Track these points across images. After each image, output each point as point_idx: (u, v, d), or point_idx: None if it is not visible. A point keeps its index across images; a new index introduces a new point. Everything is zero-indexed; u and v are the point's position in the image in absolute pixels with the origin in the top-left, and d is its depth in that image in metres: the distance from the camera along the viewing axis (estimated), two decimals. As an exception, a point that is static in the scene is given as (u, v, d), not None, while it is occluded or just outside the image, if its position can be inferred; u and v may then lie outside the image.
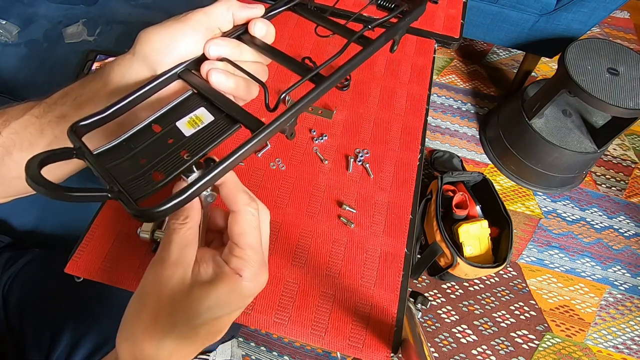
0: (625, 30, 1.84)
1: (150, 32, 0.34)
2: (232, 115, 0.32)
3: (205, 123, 0.32)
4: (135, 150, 0.31)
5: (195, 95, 0.34)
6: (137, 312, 0.28)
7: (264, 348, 1.08)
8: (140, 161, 0.30)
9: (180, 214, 0.30)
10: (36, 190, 0.25)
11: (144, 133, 0.32)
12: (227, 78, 0.33)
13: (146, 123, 0.32)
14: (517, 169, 1.37)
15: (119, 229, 0.49)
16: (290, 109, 0.31)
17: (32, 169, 0.25)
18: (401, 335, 0.44)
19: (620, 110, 1.07)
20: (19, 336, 0.57)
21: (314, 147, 0.57)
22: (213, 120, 0.32)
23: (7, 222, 0.72)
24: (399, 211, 0.53)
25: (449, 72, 1.67)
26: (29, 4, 0.92)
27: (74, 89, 0.36)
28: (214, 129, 0.32)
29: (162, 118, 0.32)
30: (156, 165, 0.30)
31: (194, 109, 0.33)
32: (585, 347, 1.13)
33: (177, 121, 0.32)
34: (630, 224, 1.34)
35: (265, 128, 0.30)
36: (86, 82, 0.36)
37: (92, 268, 0.46)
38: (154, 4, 0.95)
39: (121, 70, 0.34)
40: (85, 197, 0.26)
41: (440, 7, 0.74)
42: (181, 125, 0.32)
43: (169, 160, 0.30)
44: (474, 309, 1.17)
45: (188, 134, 0.32)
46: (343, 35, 0.39)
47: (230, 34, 0.35)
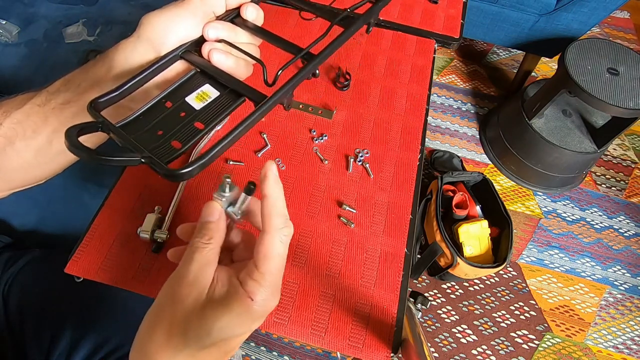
0: (625, 30, 1.84)
1: (153, 16, 0.36)
2: (237, 90, 0.36)
3: (212, 98, 0.36)
4: (152, 123, 0.34)
5: (198, 74, 0.38)
6: (151, 328, 0.29)
7: (264, 348, 1.08)
8: (158, 132, 0.34)
9: (205, 233, 0.30)
10: (77, 154, 0.29)
11: (158, 108, 0.35)
12: (226, 57, 0.36)
13: (158, 99, 0.35)
14: (517, 169, 1.37)
15: (119, 229, 0.49)
16: (289, 82, 0.35)
17: (72, 137, 0.29)
18: (401, 335, 0.44)
19: (620, 110, 1.07)
20: (19, 336, 0.57)
21: (314, 147, 0.57)
22: (219, 95, 0.36)
23: (7, 222, 0.72)
24: (399, 211, 0.53)
25: (449, 72, 1.67)
26: (29, 4, 0.92)
27: (76, 76, 0.37)
28: (221, 103, 0.36)
29: (171, 94, 0.36)
30: (174, 136, 0.33)
31: (200, 86, 0.37)
32: (585, 347, 1.13)
33: (186, 97, 0.36)
34: (630, 224, 1.34)
35: (269, 99, 0.34)
36: (88, 68, 0.37)
37: (92, 268, 0.46)
38: (154, 4, 0.95)
39: (125, 53, 0.36)
40: (119, 161, 0.29)
41: (440, 7, 0.74)
42: (190, 100, 0.36)
43: (184, 131, 0.34)
44: (474, 309, 1.17)
45: (198, 107, 0.36)
46: (326, 18, 0.43)
47: (224, 17, 0.39)
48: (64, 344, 0.54)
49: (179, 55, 0.37)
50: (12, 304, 0.59)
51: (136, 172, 0.53)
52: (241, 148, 0.56)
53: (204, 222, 0.31)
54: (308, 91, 0.62)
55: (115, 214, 0.50)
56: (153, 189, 0.51)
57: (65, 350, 0.54)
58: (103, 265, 0.46)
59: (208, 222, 0.31)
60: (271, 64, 0.63)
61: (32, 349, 0.56)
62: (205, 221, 0.31)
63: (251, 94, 0.36)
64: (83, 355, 0.54)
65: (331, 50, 0.39)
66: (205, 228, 0.31)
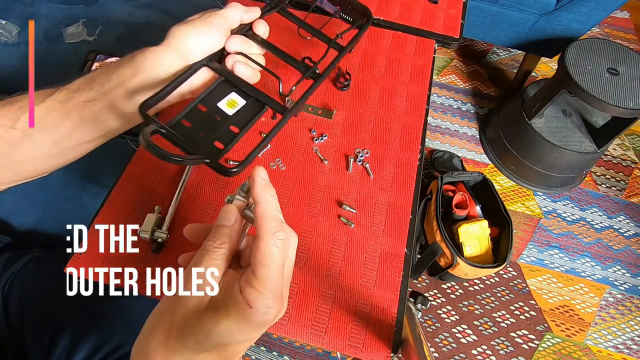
0: (625, 30, 1.84)
1: (183, 29, 0.41)
2: (260, 99, 0.43)
3: (240, 105, 0.42)
4: (194, 125, 0.39)
5: (223, 82, 0.43)
6: (153, 328, 0.29)
7: (264, 348, 1.08)
8: (200, 134, 0.39)
9: (219, 237, 0.30)
10: (153, 153, 0.33)
11: (195, 112, 0.41)
12: (246, 68, 0.43)
13: (195, 103, 0.41)
14: (517, 169, 1.37)
15: (119, 229, 0.49)
16: (304, 96, 0.44)
17: (147, 136, 0.34)
18: (401, 335, 0.44)
19: (620, 110, 1.07)
20: (19, 336, 0.57)
21: (314, 147, 0.57)
22: (245, 103, 0.42)
23: (7, 222, 0.72)
24: (399, 211, 0.53)
25: (449, 72, 1.67)
26: (29, 4, 0.92)
27: (99, 76, 0.39)
28: (248, 110, 0.42)
29: (205, 99, 0.41)
30: (215, 137, 0.39)
31: (228, 93, 0.43)
32: (585, 347, 1.13)
33: (217, 102, 0.42)
34: (630, 224, 1.34)
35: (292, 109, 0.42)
36: (112, 70, 0.39)
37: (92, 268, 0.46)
38: (154, 4, 0.95)
39: (155, 61, 0.40)
40: (188, 161, 0.35)
41: (440, 7, 0.74)
42: (222, 106, 0.42)
43: (223, 133, 0.40)
44: (474, 309, 1.17)
45: (230, 113, 0.41)
46: (321, 40, 0.52)
47: (238, 31, 0.45)
48: (64, 344, 0.54)
49: (204, 63, 0.43)
50: (12, 304, 0.59)
51: (136, 172, 0.53)
52: (241, 148, 0.56)
53: (219, 225, 0.31)
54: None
55: (115, 214, 0.50)
56: (153, 189, 0.51)
57: (65, 351, 0.54)
58: (102, 266, 0.46)
59: (223, 226, 0.31)
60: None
61: (32, 349, 0.56)
62: (220, 224, 0.31)
63: (272, 104, 0.43)
64: (83, 355, 0.54)
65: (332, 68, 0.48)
66: (219, 232, 0.31)
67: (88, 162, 0.69)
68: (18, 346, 0.57)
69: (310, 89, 0.45)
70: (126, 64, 0.40)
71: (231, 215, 0.31)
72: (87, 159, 0.45)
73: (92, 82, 0.39)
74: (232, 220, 0.31)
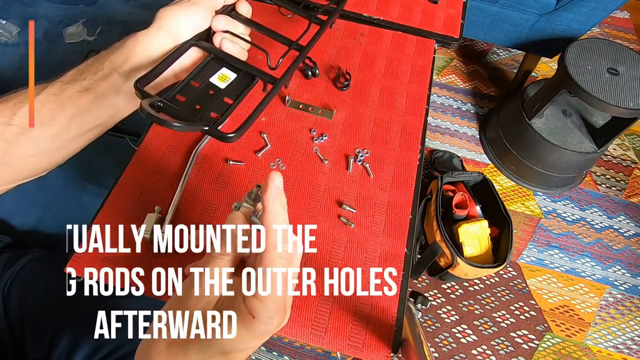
0: (625, 30, 1.84)
1: (171, 9, 0.43)
2: (250, 72, 0.45)
3: (231, 79, 0.45)
4: (189, 99, 0.42)
5: (213, 60, 0.46)
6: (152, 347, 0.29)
7: (264, 348, 1.08)
8: (196, 107, 0.42)
9: (223, 245, 0.30)
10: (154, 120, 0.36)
11: (189, 88, 0.43)
12: (233, 45, 0.45)
13: (188, 80, 0.43)
14: (517, 169, 1.37)
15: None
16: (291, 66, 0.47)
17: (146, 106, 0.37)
18: (401, 335, 0.44)
19: (620, 110, 1.07)
20: (19, 336, 0.57)
21: (314, 147, 0.57)
22: (236, 76, 0.45)
23: (7, 222, 0.72)
24: (399, 211, 0.53)
25: (449, 72, 1.67)
26: (29, 4, 0.92)
27: (91, 65, 0.40)
28: (239, 83, 0.44)
29: (197, 76, 0.44)
30: (210, 108, 0.42)
31: (218, 69, 0.45)
32: (585, 347, 1.13)
33: (209, 78, 0.45)
34: (630, 224, 1.34)
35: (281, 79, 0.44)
36: (104, 58, 0.41)
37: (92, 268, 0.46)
38: (154, 4, 0.95)
39: (146, 43, 0.41)
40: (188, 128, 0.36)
41: (440, 7, 0.74)
42: (214, 81, 0.44)
43: (218, 105, 0.42)
44: (474, 309, 1.17)
45: (223, 86, 0.44)
46: (302, 16, 0.55)
47: (222, 12, 0.47)
48: (64, 344, 0.54)
49: (193, 43, 0.45)
50: (12, 304, 0.59)
51: (136, 172, 0.53)
52: (241, 148, 0.56)
53: (224, 231, 0.31)
54: (308, 91, 0.62)
55: (115, 214, 0.50)
56: (153, 189, 0.51)
57: (65, 351, 0.54)
58: (102, 266, 0.46)
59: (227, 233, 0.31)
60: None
61: (32, 349, 0.56)
62: (225, 231, 0.31)
63: (262, 75, 0.45)
64: (83, 355, 0.54)
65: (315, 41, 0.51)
66: (224, 239, 0.31)
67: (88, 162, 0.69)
68: (18, 346, 0.57)
69: (297, 58, 0.49)
70: (117, 50, 0.41)
71: (237, 222, 0.31)
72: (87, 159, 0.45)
73: (84, 71, 0.40)
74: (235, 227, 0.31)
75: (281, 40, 0.51)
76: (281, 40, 0.51)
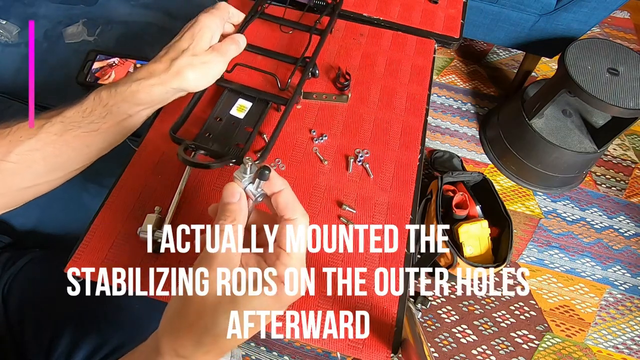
0: (625, 30, 1.84)
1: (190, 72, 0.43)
2: (263, 98, 0.52)
3: (248, 108, 0.51)
4: (216, 135, 0.49)
5: (229, 92, 0.53)
6: (182, 308, 0.29)
7: (264, 348, 1.08)
8: (223, 141, 0.49)
9: (228, 214, 0.31)
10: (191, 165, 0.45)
11: (213, 124, 0.51)
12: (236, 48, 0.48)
13: (212, 117, 0.52)
14: (517, 169, 1.37)
15: (119, 230, 0.49)
16: (299, 83, 0.53)
17: (182, 153, 0.44)
18: (401, 335, 0.44)
19: (620, 110, 1.07)
20: (19, 336, 0.57)
21: (314, 148, 0.57)
22: (252, 105, 0.51)
23: (7, 222, 0.72)
24: (399, 211, 0.53)
25: (449, 72, 1.67)
26: (29, 4, 0.92)
27: (96, 107, 0.41)
28: (255, 110, 0.50)
29: (218, 112, 0.51)
30: (235, 140, 0.49)
31: (235, 100, 0.52)
32: (585, 347, 1.13)
33: (229, 111, 0.51)
34: (630, 224, 1.34)
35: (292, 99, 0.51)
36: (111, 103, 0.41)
37: (92, 268, 0.46)
38: (154, 4, 0.94)
39: (161, 96, 0.43)
40: (220, 164, 0.44)
41: (440, 7, 0.74)
42: (234, 113, 0.51)
43: (241, 135, 0.50)
44: (474, 309, 1.17)
45: (242, 117, 0.51)
46: (302, 30, 0.61)
47: None
48: (64, 345, 0.54)
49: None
50: (12, 304, 0.59)
51: (136, 172, 0.53)
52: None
53: (225, 203, 0.31)
54: (311, 90, 0.62)
55: (115, 214, 0.50)
56: (153, 189, 0.51)
57: (65, 351, 0.54)
58: (102, 266, 0.46)
59: (229, 204, 0.31)
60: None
61: (32, 349, 0.56)
62: (226, 202, 0.31)
63: (274, 99, 0.52)
64: (83, 355, 0.54)
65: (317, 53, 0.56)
66: (227, 210, 0.31)
67: (88, 162, 0.69)
68: (18, 346, 0.57)
69: (303, 75, 0.53)
70: (128, 97, 0.41)
71: (235, 191, 0.32)
72: (87, 159, 0.45)
73: (90, 114, 0.40)
74: (236, 196, 0.31)
75: (286, 60, 0.57)
76: (286, 60, 0.57)
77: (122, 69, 0.82)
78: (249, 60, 0.62)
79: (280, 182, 0.32)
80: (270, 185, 0.32)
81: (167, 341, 0.29)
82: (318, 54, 0.56)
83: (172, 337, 0.29)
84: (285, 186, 0.32)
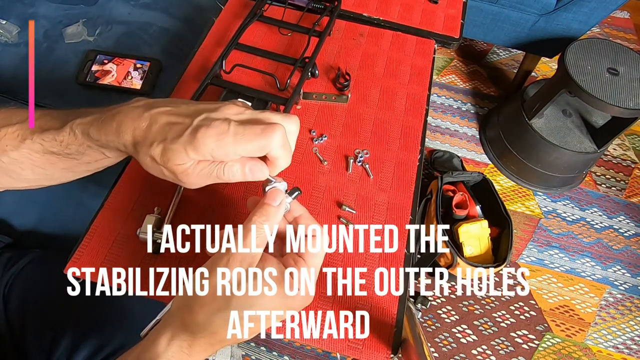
0: (625, 30, 1.84)
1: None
2: (262, 98, 0.52)
3: None
4: None
5: (229, 93, 0.52)
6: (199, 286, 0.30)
7: (264, 348, 1.08)
8: None
9: (264, 213, 0.33)
10: None
11: None
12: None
13: None
14: (517, 169, 1.37)
15: (119, 230, 0.49)
16: (298, 84, 0.54)
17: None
18: (401, 336, 0.44)
19: (620, 110, 1.06)
20: (20, 337, 0.57)
21: (314, 148, 0.57)
22: (251, 105, 0.47)
23: (7, 222, 0.72)
24: (399, 211, 0.53)
25: (449, 72, 1.67)
26: (29, 4, 0.92)
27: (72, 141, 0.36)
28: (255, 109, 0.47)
29: None
30: None
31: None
32: (585, 347, 1.13)
33: None
34: (630, 224, 1.34)
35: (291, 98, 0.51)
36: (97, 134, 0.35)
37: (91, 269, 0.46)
38: (154, 4, 0.95)
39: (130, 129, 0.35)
40: None
41: (440, 7, 0.74)
42: None
43: None
44: (474, 309, 1.17)
45: None
46: (301, 32, 0.62)
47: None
48: (64, 345, 0.54)
49: (209, 82, 0.52)
50: (12, 304, 0.59)
51: (136, 172, 0.53)
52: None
53: (266, 203, 0.33)
54: (310, 90, 0.62)
55: (115, 214, 0.50)
56: (152, 190, 0.51)
57: (66, 351, 0.54)
58: (102, 266, 0.46)
59: (269, 205, 0.33)
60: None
61: (32, 350, 0.55)
62: (267, 202, 0.33)
63: (274, 99, 0.51)
64: (84, 356, 0.54)
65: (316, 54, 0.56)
66: (265, 209, 0.33)
67: (88, 162, 0.69)
68: (19, 347, 0.56)
69: (302, 75, 0.53)
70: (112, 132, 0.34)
71: (278, 197, 0.34)
72: (87, 159, 0.45)
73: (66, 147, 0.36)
74: (277, 202, 0.34)
75: (285, 61, 0.58)
76: (285, 61, 0.58)
77: (122, 69, 0.82)
78: (248, 61, 0.62)
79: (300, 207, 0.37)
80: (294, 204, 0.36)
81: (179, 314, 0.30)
82: (317, 54, 0.57)
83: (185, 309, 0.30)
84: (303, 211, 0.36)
